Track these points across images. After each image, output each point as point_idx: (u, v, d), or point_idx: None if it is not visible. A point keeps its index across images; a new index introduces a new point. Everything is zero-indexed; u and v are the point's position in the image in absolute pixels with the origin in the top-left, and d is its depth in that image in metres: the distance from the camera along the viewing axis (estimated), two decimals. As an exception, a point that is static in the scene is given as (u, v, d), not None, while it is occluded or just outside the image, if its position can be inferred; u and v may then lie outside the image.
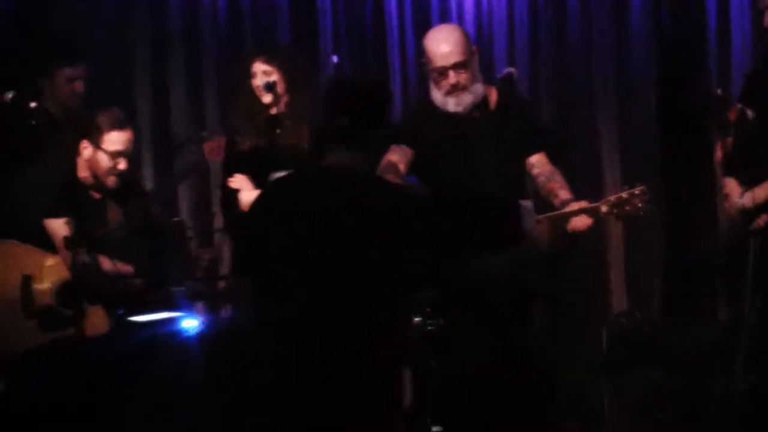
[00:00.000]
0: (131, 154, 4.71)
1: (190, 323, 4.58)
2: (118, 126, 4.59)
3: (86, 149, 4.60)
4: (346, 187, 3.27)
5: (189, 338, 4.58)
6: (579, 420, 5.18)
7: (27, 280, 4.46)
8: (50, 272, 4.52)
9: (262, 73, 4.83)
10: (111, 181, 4.62)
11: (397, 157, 4.63)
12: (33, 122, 4.47)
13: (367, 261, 3.20)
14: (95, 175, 4.63)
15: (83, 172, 4.65)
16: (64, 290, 4.50)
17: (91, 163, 4.61)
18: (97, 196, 4.70)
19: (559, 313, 5.58)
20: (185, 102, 6.09)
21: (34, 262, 4.55)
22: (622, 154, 5.95)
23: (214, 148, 5.19)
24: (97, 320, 4.48)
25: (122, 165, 4.61)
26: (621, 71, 5.97)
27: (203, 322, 4.67)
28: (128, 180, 4.79)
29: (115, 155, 4.58)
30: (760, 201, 4.62)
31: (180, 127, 6.04)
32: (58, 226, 4.52)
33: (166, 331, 4.56)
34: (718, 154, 4.86)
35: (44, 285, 4.51)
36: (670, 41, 5.93)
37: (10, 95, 4.56)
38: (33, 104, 4.49)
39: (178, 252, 4.54)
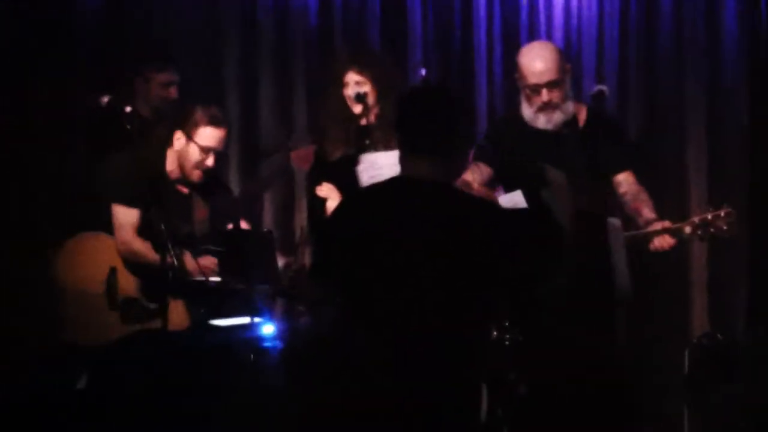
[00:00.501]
0: (221, 154, 4.78)
1: (269, 329, 4.63)
2: (214, 123, 4.67)
3: (179, 140, 4.68)
4: (423, 196, 3.29)
5: (267, 344, 4.64)
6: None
7: (113, 272, 4.55)
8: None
9: (355, 84, 4.81)
10: (197, 175, 4.70)
11: (473, 176, 4.65)
12: (128, 126, 4.54)
13: (444, 269, 3.22)
14: (182, 168, 4.70)
15: (171, 166, 4.72)
16: (149, 284, 4.58)
17: (181, 155, 4.69)
18: (184, 191, 4.78)
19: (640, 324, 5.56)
20: (274, 105, 6.08)
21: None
22: (710, 172, 5.88)
23: (301, 156, 5.20)
24: (177, 316, 4.57)
25: (210, 161, 4.68)
26: (712, 87, 5.91)
27: (282, 329, 4.71)
28: (216, 179, 4.86)
29: (206, 150, 4.66)
30: None
31: (268, 131, 6.05)
32: (126, 214, 4.61)
33: (244, 336, 4.62)
34: None
35: (130, 277, 4.61)
36: (764, 56, 5.86)
37: (105, 99, 4.65)
38: (128, 109, 4.55)
39: (265, 261, 4.57)
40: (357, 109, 4.81)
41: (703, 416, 4.85)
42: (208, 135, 4.66)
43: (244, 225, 4.80)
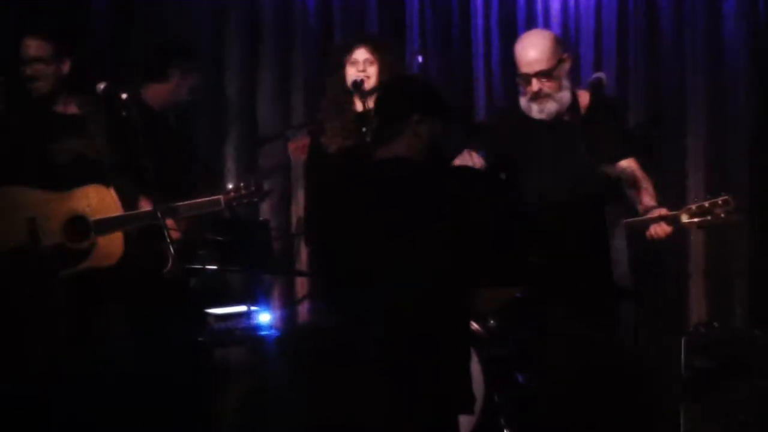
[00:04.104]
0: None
1: (266, 317, 4.63)
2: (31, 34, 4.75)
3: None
4: (388, 173, 3.73)
5: (264, 334, 4.64)
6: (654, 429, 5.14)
7: (32, 221, 4.56)
8: (56, 209, 4.62)
9: (363, 61, 4.80)
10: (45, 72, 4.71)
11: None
12: (124, 113, 4.52)
13: (407, 234, 3.61)
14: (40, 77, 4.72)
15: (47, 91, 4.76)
16: (72, 225, 4.59)
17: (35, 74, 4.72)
18: (72, 111, 4.79)
19: (640, 317, 5.54)
20: (273, 95, 6.08)
21: (36, 201, 4.65)
22: (709, 161, 5.86)
23: (298, 147, 5.19)
24: (111, 248, 4.59)
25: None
26: (711, 77, 5.88)
27: (279, 318, 4.71)
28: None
29: (32, 60, 4.69)
30: None
31: (267, 121, 6.05)
32: None
33: (242, 326, 4.62)
34: None
35: (51, 222, 4.61)
36: (765, 45, 5.84)
37: (102, 86, 4.63)
38: (124, 95, 4.54)
39: (263, 249, 4.58)
40: (359, 77, 4.80)
41: (700, 409, 4.82)
42: (30, 45, 4.72)
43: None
